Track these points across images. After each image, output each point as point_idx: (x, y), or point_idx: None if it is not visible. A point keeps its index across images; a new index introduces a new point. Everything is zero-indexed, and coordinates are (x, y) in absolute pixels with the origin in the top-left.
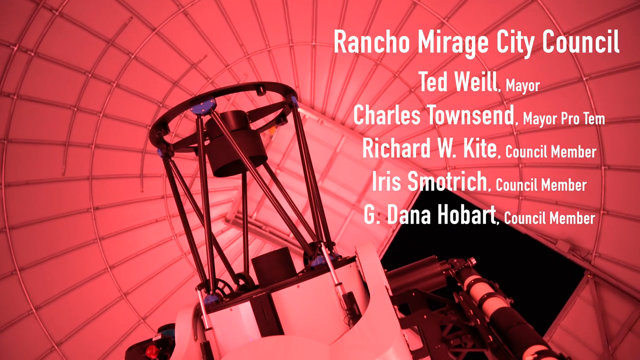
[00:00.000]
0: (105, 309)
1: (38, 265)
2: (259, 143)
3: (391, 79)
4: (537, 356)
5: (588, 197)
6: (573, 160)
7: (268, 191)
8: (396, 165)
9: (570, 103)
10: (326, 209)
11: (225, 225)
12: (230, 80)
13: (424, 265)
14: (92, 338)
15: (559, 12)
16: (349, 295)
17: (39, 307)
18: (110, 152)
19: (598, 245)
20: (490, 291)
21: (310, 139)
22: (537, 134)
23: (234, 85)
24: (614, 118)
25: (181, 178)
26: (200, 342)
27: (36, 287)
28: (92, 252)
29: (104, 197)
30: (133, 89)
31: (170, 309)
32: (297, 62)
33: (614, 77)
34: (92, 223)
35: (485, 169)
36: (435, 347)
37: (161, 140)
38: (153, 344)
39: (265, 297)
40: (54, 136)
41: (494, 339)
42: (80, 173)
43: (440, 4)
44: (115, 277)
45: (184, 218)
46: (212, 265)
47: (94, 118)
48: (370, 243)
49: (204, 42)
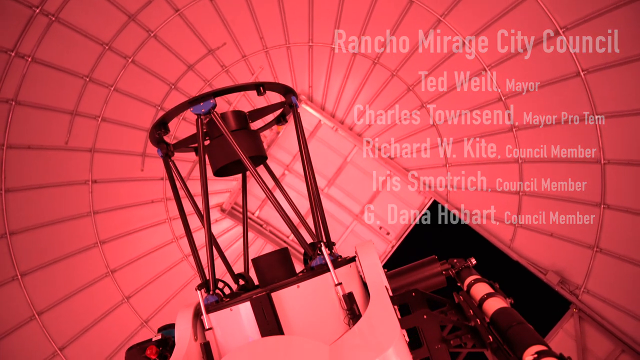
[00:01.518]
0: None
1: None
2: (259, 143)
3: (405, 92)
4: (537, 356)
5: (584, 233)
6: (572, 194)
7: (268, 191)
8: (404, 181)
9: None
10: (329, 216)
11: (221, 215)
12: (245, 70)
13: (424, 265)
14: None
15: (555, 7)
16: (349, 295)
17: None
18: (116, 127)
19: (587, 281)
20: (490, 291)
21: (322, 144)
22: (538, 165)
23: (234, 85)
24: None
25: (181, 178)
26: (200, 342)
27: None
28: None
29: (104, 172)
30: (148, 66)
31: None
32: (314, 62)
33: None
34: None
35: (485, 193)
36: (435, 347)
37: (161, 140)
38: (153, 344)
39: (265, 297)
40: (63, 104)
41: (494, 339)
42: (83, 144)
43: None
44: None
45: (184, 218)
46: (212, 265)
47: (104, 91)
48: (370, 242)
49: (225, 29)
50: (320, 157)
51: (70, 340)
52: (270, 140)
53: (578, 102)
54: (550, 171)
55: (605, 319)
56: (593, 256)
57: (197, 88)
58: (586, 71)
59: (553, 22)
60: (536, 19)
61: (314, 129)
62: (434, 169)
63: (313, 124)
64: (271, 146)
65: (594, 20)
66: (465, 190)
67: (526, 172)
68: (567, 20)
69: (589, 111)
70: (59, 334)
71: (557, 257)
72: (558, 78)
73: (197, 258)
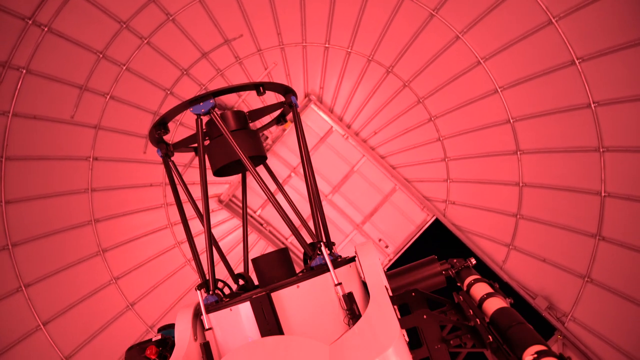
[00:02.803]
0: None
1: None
2: (259, 143)
3: (414, 103)
4: (536, 356)
5: (576, 261)
6: (569, 222)
7: (268, 191)
8: (408, 197)
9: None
10: (329, 222)
11: (218, 206)
12: (258, 65)
13: (423, 265)
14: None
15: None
16: (349, 295)
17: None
18: (124, 107)
19: (575, 309)
20: (490, 291)
21: (331, 150)
22: (539, 190)
23: (233, 86)
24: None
25: (181, 178)
26: (200, 342)
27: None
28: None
29: (107, 150)
30: (163, 50)
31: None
32: (328, 63)
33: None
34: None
35: (482, 212)
36: (435, 347)
37: (161, 140)
38: (153, 344)
39: (265, 297)
40: (73, 77)
41: (494, 339)
42: (89, 120)
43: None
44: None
45: (184, 218)
46: (211, 265)
47: (116, 69)
48: (370, 242)
49: (244, 21)
50: (328, 163)
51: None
52: (276, 136)
53: (586, 132)
54: (550, 198)
55: (588, 348)
56: (583, 286)
57: (208, 77)
58: (597, 103)
59: (571, 52)
60: (554, 48)
61: (325, 134)
62: (435, 183)
63: (324, 130)
64: (276, 142)
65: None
66: (464, 207)
67: (526, 196)
68: (584, 51)
69: (596, 144)
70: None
71: (547, 283)
72: (568, 107)
73: (197, 258)
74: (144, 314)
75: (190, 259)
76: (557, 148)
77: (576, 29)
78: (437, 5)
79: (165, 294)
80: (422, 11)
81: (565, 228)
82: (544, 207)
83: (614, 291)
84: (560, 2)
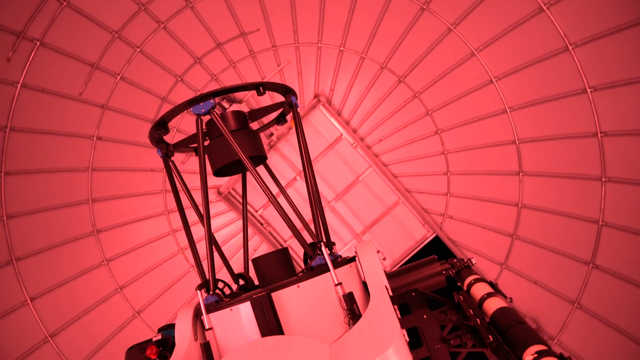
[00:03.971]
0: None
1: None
2: (259, 143)
3: (423, 115)
4: (537, 356)
5: (567, 287)
6: (564, 248)
7: (268, 191)
8: (410, 212)
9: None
10: (330, 229)
11: (216, 197)
12: (272, 60)
13: (424, 265)
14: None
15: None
16: (349, 295)
17: (54, 334)
18: (133, 89)
19: (561, 334)
20: (490, 291)
21: (339, 157)
22: (538, 213)
23: (234, 86)
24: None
25: (181, 178)
26: (200, 342)
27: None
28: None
29: (111, 130)
30: (178, 36)
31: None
32: (341, 66)
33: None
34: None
35: (479, 229)
36: (435, 347)
37: (161, 140)
38: (153, 344)
39: (265, 297)
40: (86, 54)
41: (494, 339)
42: (96, 99)
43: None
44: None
45: (184, 218)
46: (212, 265)
47: (130, 50)
48: (370, 242)
49: (262, 15)
50: (334, 169)
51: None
52: (281, 133)
53: (590, 160)
54: (547, 222)
55: None
56: (572, 311)
57: (220, 67)
58: (604, 134)
59: (584, 82)
60: (569, 75)
61: (334, 141)
62: (435, 196)
63: (334, 136)
64: (281, 140)
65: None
66: (461, 222)
67: (524, 218)
68: (596, 81)
69: (599, 173)
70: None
71: (537, 305)
72: (575, 134)
73: (197, 258)
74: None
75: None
76: (560, 173)
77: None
78: (456, 20)
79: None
80: (440, 25)
81: (560, 253)
82: (540, 230)
83: (602, 319)
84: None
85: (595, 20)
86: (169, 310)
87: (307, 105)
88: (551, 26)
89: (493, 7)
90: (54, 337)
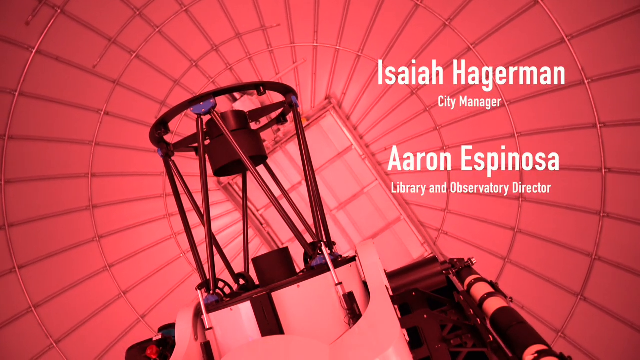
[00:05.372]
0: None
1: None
2: (259, 143)
3: (431, 129)
4: (537, 355)
5: (554, 315)
6: (555, 277)
7: (268, 191)
8: (410, 230)
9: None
10: None
11: (216, 187)
12: (288, 57)
13: (424, 265)
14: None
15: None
16: (349, 294)
17: (59, 340)
18: (146, 68)
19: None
20: (491, 291)
21: (346, 167)
22: (532, 240)
23: (234, 85)
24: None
25: (181, 178)
26: (200, 341)
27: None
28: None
29: (119, 107)
30: (198, 21)
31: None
32: (356, 72)
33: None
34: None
35: (473, 248)
36: (435, 347)
37: (161, 139)
38: (153, 344)
39: (265, 297)
40: (104, 28)
41: (494, 339)
42: (109, 74)
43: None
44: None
45: (185, 218)
46: (212, 264)
47: (149, 29)
48: (371, 242)
49: (285, 10)
50: (340, 178)
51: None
52: (287, 131)
53: (591, 195)
54: (541, 249)
55: None
56: (555, 340)
57: (236, 58)
58: (608, 170)
59: (595, 116)
60: (579, 108)
61: (344, 150)
62: (433, 210)
63: (343, 146)
64: (289, 141)
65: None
66: (455, 240)
67: (518, 242)
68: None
69: (598, 208)
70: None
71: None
72: (581, 167)
73: (197, 258)
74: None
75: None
76: (560, 203)
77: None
78: (476, 41)
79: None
80: (461, 44)
81: (550, 281)
82: (533, 256)
83: (584, 351)
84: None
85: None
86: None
87: (317, 106)
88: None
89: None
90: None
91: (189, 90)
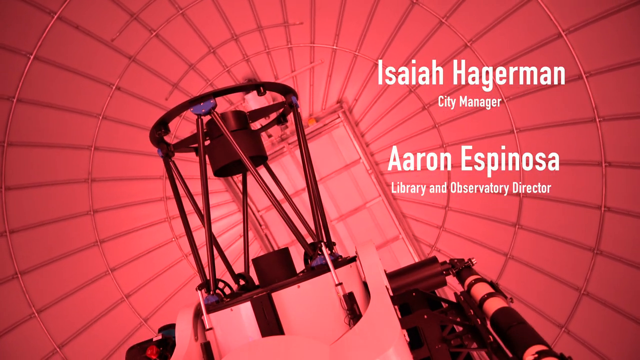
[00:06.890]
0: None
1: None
2: (260, 143)
3: (437, 146)
4: (537, 356)
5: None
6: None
7: (268, 191)
8: (408, 249)
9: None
10: None
11: (224, 189)
12: (306, 56)
13: (424, 265)
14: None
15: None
16: (350, 295)
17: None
18: (165, 49)
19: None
20: (491, 291)
21: (351, 179)
22: (523, 267)
23: (234, 86)
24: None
25: (181, 178)
26: (200, 342)
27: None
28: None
29: (132, 83)
30: (222, 9)
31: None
32: (370, 80)
33: None
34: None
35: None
36: (435, 347)
37: (161, 140)
38: (153, 344)
39: (265, 297)
40: (129, 3)
41: (494, 339)
42: (126, 50)
43: None
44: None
45: (184, 218)
46: (212, 265)
47: (172, 10)
48: (371, 242)
49: (310, 10)
50: (344, 190)
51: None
52: (293, 129)
53: (588, 232)
54: (532, 278)
55: None
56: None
57: (254, 50)
58: (608, 208)
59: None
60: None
61: (351, 163)
62: (428, 226)
63: (352, 158)
64: (291, 137)
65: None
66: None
67: (508, 268)
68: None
69: (593, 245)
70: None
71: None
72: (578, 202)
73: (197, 258)
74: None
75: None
76: (561, 198)
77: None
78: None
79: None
80: (479, 64)
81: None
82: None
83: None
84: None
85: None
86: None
87: (328, 108)
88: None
89: None
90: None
91: (194, 87)
